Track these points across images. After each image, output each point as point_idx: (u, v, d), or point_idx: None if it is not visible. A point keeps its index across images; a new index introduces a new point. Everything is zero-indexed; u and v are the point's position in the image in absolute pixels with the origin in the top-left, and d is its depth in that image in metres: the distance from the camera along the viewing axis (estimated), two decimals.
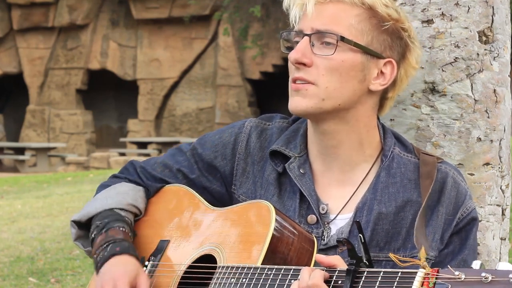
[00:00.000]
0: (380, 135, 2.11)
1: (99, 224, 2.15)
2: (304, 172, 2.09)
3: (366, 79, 2.04)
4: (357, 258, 1.75)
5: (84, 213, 2.19)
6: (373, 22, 2.03)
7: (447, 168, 2.08)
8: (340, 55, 2.01)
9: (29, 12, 24.34)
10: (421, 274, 1.64)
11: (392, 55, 2.05)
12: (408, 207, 2.03)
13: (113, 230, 2.13)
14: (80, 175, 16.71)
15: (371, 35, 2.03)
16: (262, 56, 21.97)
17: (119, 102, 25.71)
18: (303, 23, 2.05)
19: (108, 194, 2.22)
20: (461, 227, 2.05)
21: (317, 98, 2.01)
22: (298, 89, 2.03)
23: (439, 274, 1.60)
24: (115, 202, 2.18)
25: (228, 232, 2.02)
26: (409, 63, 2.09)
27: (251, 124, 2.21)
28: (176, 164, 2.24)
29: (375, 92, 2.07)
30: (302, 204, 2.07)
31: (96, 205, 2.19)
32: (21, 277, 6.93)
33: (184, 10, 22.91)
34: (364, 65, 2.03)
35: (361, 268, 1.75)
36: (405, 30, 2.07)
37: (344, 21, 2.02)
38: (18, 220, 10.11)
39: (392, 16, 2.04)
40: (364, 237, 1.79)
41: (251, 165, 2.17)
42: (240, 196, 2.16)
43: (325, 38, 2.01)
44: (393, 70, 2.06)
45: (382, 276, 1.71)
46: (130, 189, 2.23)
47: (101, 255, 2.10)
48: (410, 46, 2.08)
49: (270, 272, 1.86)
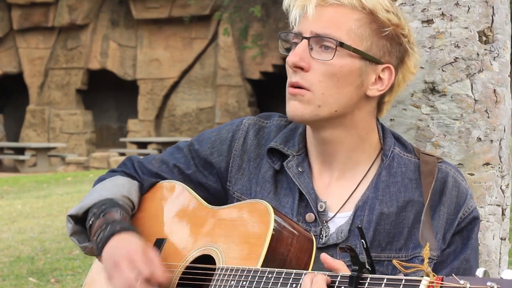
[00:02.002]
0: (380, 136, 2.11)
1: (96, 211, 2.14)
2: (302, 170, 2.09)
3: (364, 85, 2.03)
4: (360, 264, 1.74)
5: (81, 206, 2.18)
6: (373, 27, 2.02)
7: (448, 167, 2.08)
8: (338, 60, 1.99)
9: (29, 12, 24.34)
10: (425, 282, 1.62)
11: (390, 61, 2.04)
12: (410, 207, 2.03)
13: (110, 214, 2.12)
14: (80, 175, 16.72)
15: (370, 40, 2.01)
16: (262, 56, 21.97)
17: (119, 102, 25.70)
18: (303, 25, 2.04)
19: (104, 186, 2.22)
20: (463, 227, 2.05)
21: (313, 105, 2.01)
22: (294, 94, 2.02)
23: (444, 282, 1.58)
24: (111, 193, 2.18)
25: (226, 232, 2.01)
26: (407, 68, 2.07)
27: (249, 122, 2.21)
28: (173, 160, 2.24)
29: (373, 97, 2.06)
30: (301, 202, 2.07)
31: (92, 197, 2.19)
32: (21, 277, 6.93)
33: (184, 10, 22.91)
34: (362, 71, 2.02)
35: (364, 274, 1.74)
36: (405, 36, 2.05)
37: (344, 26, 2.00)
38: (18, 220, 10.11)
39: (393, 21, 2.03)
40: (366, 242, 1.78)
41: (247, 162, 2.17)
42: (235, 193, 2.15)
43: (324, 42, 2.00)
44: (391, 76, 2.04)
45: (385, 284, 1.69)
46: (126, 182, 2.23)
47: (102, 235, 2.08)
48: (409, 52, 2.06)
49: (271, 276, 1.85)
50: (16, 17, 24.54)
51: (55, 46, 24.65)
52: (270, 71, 22.35)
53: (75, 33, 24.34)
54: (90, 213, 2.15)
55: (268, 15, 21.64)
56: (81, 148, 24.18)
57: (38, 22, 24.36)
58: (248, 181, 2.15)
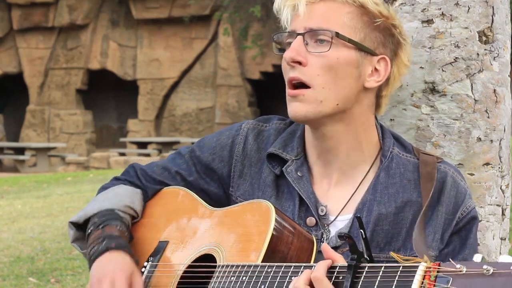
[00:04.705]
0: (379, 136, 2.11)
1: (96, 221, 2.15)
2: (301, 175, 2.09)
3: (361, 76, 2.04)
4: (358, 253, 1.75)
5: (82, 214, 2.19)
6: (364, 19, 2.04)
7: (447, 167, 2.08)
8: (334, 52, 2.01)
9: (29, 12, 24.35)
10: (423, 267, 1.64)
11: (385, 52, 2.06)
12: (408, 208, 2.03)
13: (110, 228, 2.13)
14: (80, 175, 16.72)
15: (363, 32, 2.03)
16: (262, 56, 21.98)
17: (119, 102, 25.71)
18: (295, 23, 2.06)
19: (106, 196, 2.22)
20: (461, 227, 2.05)
21: (315, 102, 2.01)
22: (294, 95, 2.03)
23: (441, 267, 1.60)
24: (113, 203, 2.19)
25: (227, 232, 2.02)
26: (401, 61, 2.09)
27: (248, 126, 2.21)
28: (175, 166, 2.24)
29: (371, 89, 2.07)
30: (301, 207, 2.07)
31: (94, 206, 2.20)
32: (21, 277, 6.93)
33: (184, 10, 22.92)
34: (358, 62, 2.03)
35: (362, 263, 1.75)
36: (396, 27, 2.08)
37: (336, 19, 2.03)
38: (18, 220, 10.12)
39: (383, 13, 2.05)
40: (365, 232, 1.79)
41: (248, 167, 2.17)
42: (238, 198, 2.16)
43: (319, 36, 2.02)
44: (387, 67, 2.06)
45: (383, 271, 1.71)
46: (128, 191, 2.24)
47: (96, 248, 2.09)
48: (401, 43, 2.09)
49: (270, 270, 1.86)
50: (16, 17, 24.54)
51: (55, 46, 24.66)
52: (270, 71, 22.35)
53: (75, 33, 24.35)
54: (90, 222, 2.17)
55: (268, 15, 21.63)
56: (81, 148, 24.19)
57: (38, 22, 24.36)
58: (251, 186, 2.16)
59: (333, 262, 1.80)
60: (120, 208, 2.19)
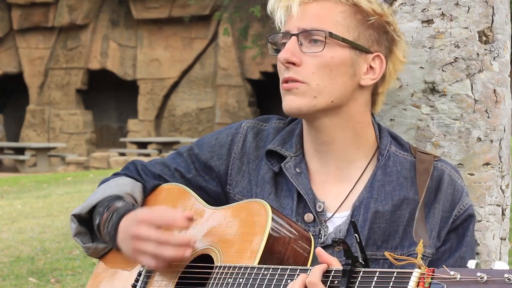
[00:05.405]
0: (376, 134, 2.12)
1: (100, 210, 2.14)
2: (300, 171, 2.10)
3: (357, 75, 2.05)
4: (353, 258, 1.76)
5: (85, 206, 2.19)
6: (358, 17, 2.05)
7: (444, 165, 2.09)
8: (329, 51, 2.02)
9: (29, 12, 24.35)
10: (417, 274, 1.64)
11: (379, 50, 2.07)
12: (405, 205, 2.04)
13: (113, 205, 2.13)
14: (80, 175, 16.73)
15: (357, 30, 2.04)
16: (262, 56, 21.98)
17: (119, 102, 25.72)
18: (289, 24, 2.07)
19: (108, 185, 2.23)
20: (458, 224, 2.05)
21: (310, 96, 2.02)
22: (289, 88, 2.04)
23: (435, 274, 1.61)
24: (114, 191, 2.19)
25: (225, 231, 2.02)
26: (397, 57, 2.10)
27: (248, 125, 2.22)
28: (174, 164, 2.25)
29: (366, 87, 2.08)
30: (299, 203, 2.08)
31: (96, 195, 2.20)
32: (21, 277, 6.94)
33: (184, 10, 22.92)
34: (353, 60, 2.04)
35: (357, 268, 1.75)
36: (390, 24, 2.08)
37: (330, 19, 2.03)
38: (18, 220, 10.12)
39: (376, 11, 2.06)
40: (359, 237, 1.80)
41: (247, 164, 2.18)
42: (236, 195, 2.17)
43: (313, 36, 2.03)
44: (382, 64, 2.07)
45: (378, 276, 1.71)
46: (129, 182, 2.24)
47: (110, 224, 2.09)
48: (396, 40, 2.10)
49: (266, 272, 1.86)
50: (16, 17, 24.55)
51: (55, 46, 24.66)
52: (270, 71, 22.35)
53: (75, 33, 24.36)
54: (95, 213, 2.16)
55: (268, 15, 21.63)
56: (81, 148, 24.19)
57: (38, 22, 24.37)
58: (249, 183, 2.16)
59: (328, 266, 1.80)
60: (122, 195, 2.19)
